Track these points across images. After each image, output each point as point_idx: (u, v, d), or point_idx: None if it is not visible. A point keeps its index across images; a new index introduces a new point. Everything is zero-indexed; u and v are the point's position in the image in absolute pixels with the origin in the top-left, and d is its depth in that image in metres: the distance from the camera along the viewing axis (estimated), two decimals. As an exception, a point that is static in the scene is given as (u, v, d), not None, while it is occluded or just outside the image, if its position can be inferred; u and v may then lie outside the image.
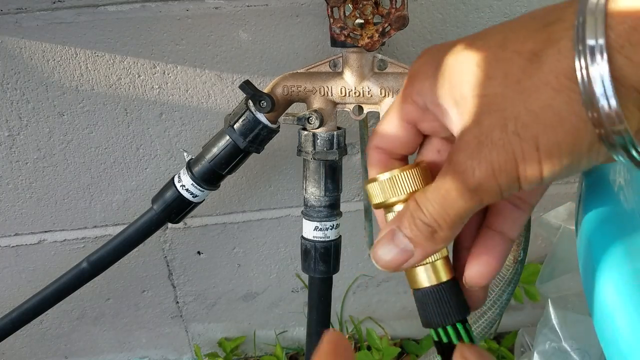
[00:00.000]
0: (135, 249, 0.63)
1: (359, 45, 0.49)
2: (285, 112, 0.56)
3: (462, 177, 0.27)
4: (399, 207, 0.32)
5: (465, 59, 0.27)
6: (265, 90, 0.54)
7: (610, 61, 0.22)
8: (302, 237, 0.58)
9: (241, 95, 0.54)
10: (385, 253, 0.30)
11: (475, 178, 0.26)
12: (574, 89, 0.23)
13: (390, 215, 0.33)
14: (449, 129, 0.30)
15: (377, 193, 0.33)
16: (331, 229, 0.56)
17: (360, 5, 0.48)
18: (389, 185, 0.32)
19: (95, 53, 0.62)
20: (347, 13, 0.49)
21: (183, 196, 0.58)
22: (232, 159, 0.56)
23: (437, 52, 0.29)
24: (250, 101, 0.53)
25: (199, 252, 0.80)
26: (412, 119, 0.32)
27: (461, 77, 0.27)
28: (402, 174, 0.32)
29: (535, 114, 0.24)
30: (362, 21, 0.49)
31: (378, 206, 0.33)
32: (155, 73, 0.64)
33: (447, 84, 0.28)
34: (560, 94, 0.24)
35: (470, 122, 0.26)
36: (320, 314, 0.60)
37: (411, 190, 0.32)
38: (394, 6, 0.48)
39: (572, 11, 0.24)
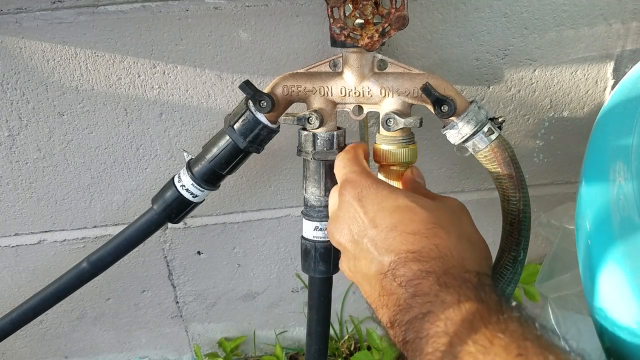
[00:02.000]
0: (135, 249, 0.63)
1: (359, 45, 0.49)
2: (285, 112, 0.56)
3: None
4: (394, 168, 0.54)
5: None
6: (265, 90, 0.54)
7: None
8: (302, 237, 0.58)
9: (241, 95, 0.54)
10: None
11: None
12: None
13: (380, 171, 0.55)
14: None
15: (377, 155, 0.54)
16: (331, 229, 0.56)
17: (360, 5, 0.48)
18: (384, 154, 0.53)
19: (95, 53, 0.62)
20: (347, 13, 0.49)
21: (183, 196, 0.58)
22: (232, 159, 0.56)
23: None
24: (250, 101, 0.53)
25: (199, 252, 0.80)
26: None
27: None
28: (397, 150, 0.52)
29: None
30: (362, 21, 0.49)
31: (377, 162, 0.54)
32: (155, 73, 0.64)
33: None
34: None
35: None
36: (320, 314, 0.60)
37: (393, 161, 0.53)
38: (394, 6, 0.48)
39: None
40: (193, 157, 0.58)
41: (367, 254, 0.43)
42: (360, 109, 0.55)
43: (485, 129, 0.51)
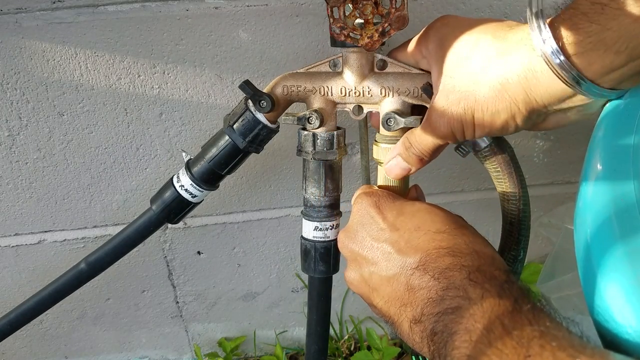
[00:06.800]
0: (135, 249, 0.62)
1: (359, 45, 0.49)
2: (285, 112, 0.56)
3: (434, 130, 0.46)
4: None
5: (458, 39, 0.44)
6: (265, 90, 0.54)
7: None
8: (302, 237, 0.58)
9: (241, 95, 0.54)
10: (394, 169, 0.51)
11: (442, 132, 0.45)
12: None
13: (380, 169, 0.54)
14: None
15: (377, 153, 0.53)
16: (331, 229, 0.56)
17: (360, 5, 0.48)
18: (384, 152, 0.53)
19: (95, 53, 0.62)
20: (347, 13, 0.49)
21: (182, 196, 0.58)
22: (231, 159, 0.56)
23: (449, 23, 0.47)
24: (249, 101, 0.53)
25: (199, 252, 0.80)
26: (415, 56, 0.51)
27: (449, 53, 0.45)
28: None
29: (478, 101, 0.42)
30: (362, 21, 0.49)
31: (376, 160, 0.54)
32: (155, 73, 0.64)
33: (440, 52, 0.46)
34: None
35: (442, 96, 0.45)
36: (320, 314, 0.60)
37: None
38: (394, 6, 0.48)
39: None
40: (192, 157, 0.58)
41: (387, 256, 0.43)
42: (360, 108, 0.55)
43: (485, 129, 0.51)
